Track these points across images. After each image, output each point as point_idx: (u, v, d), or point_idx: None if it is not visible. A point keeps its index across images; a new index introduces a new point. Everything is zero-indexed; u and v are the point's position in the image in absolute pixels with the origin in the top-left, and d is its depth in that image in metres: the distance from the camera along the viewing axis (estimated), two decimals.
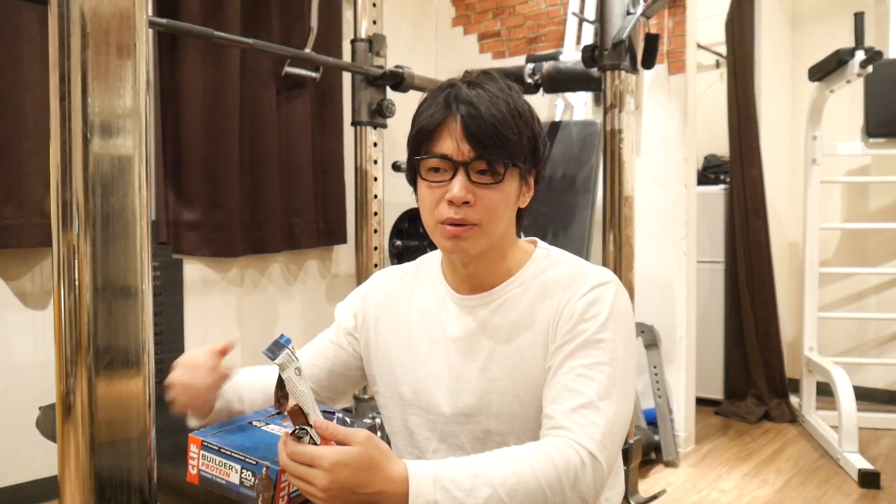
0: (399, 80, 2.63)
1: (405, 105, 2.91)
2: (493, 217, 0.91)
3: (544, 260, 1.00)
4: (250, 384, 1.06)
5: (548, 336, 0.93)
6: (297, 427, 0.75)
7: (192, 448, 0.83)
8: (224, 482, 0.80)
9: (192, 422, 1.01)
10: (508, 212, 0.94)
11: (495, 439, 0.95)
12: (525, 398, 0.93)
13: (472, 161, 0.89)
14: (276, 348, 0.73)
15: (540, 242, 1.04)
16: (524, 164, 0.93)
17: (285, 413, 0.75)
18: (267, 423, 0.89)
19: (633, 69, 2.19)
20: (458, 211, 0.90)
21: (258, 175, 2.71)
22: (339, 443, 0.76)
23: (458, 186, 0.89)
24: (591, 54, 2.21)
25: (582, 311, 0.91)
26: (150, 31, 2.08)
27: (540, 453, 0.81)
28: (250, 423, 0.89)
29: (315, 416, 0.76)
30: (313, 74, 2.81)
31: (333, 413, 0.92)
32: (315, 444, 0.75)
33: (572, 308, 0.92)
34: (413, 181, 0.97)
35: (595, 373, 0.87)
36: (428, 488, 0.76)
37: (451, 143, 0.89)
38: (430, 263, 1.08)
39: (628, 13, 2.13)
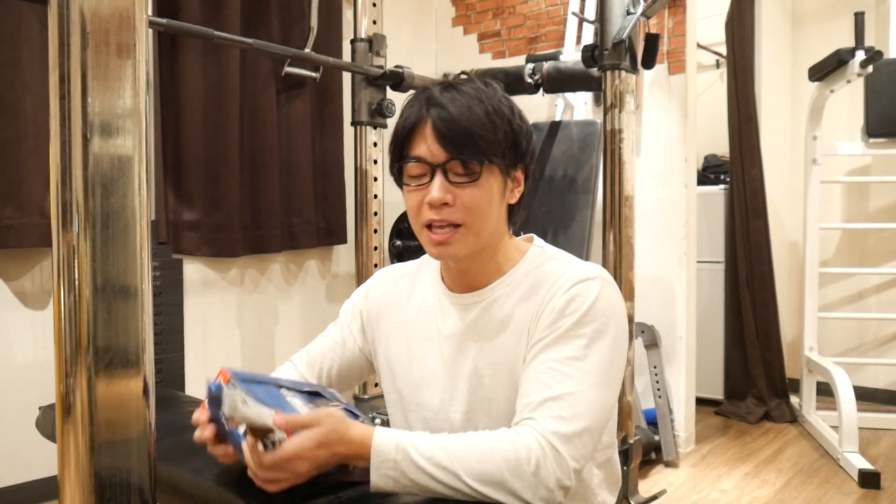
0: (399, 80, 2.63)
1: None
2: (475, 215, 0.91)
3: (538, 257, 1.00)
4: None
5: (529, 332, 0.93)
6: (265, 440, 0.78)
7: (219, 380, 0.86)
8: (230, 430, 0.82)
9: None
10: (494, 208, 0.94)
11: None
12: (512, 396, 0.93)
13: (447, 162, 0.90)
14: (216, 399, 0.77)
15: (536, 240, 1.04)
16: (502, 159, 0.92)
17: (244, 434, 0.79)
18: (294, 396, 0.90)
19: (633, 69, 2.19)
20: (440, 212, 0.90)
21: (258, 175, 2.71)
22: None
23: (435, 188, 0.90)
24: (591, 54, 2.21)
25: (562, 307, 0.90)
26: (150, 31, 2.08)
27: (504, 437, 0.83)
28: (279, 386, 0.90)
29: (272, 417, 0.78)
30: (313, 74, 2.81)
31: (340, 402, 0.93)
32: (284, 438, 0.78)
33: (554, 304, 0.91)
34: (399, 186, 0.99)
35: (566, 367, 0.87)
36: (390, 449, 0.81)
37: (425, 146, 0.90)
38: (431, 262, 1.09)
39: (628, 13, 2.13)
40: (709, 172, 3.80)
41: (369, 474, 0.81)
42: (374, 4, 2.73)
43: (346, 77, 2.97)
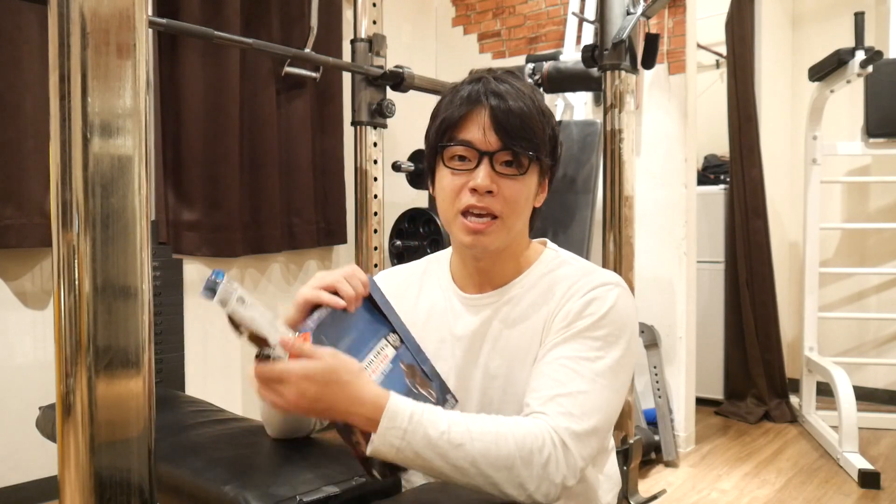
0: (399, 80, 2.63)
1: (405, 105, 2.91)
2: (513, 209, 0.92)
3: (552, 261, 1.00)
4: None
5: (543, 334, 0.93)
6: (260, 351, 0.77)
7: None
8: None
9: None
10: (528, 206, 0.96)
11: None
12: (523, 396, 0.93)
13: (498, 151, 0.91)
14: (212, 286, 0.73)
15: (549, 243, 1.05)
16: (546, 158, 0.95)
17: (248, 340, 0.77)
18: (386, 350, 0.87)
19: (633, 69, 2.19)
20: (482, 199, 0.91)
21: (258, 175, 2.71)
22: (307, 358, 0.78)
23: (482, 175, 0.90)
24: (591, 54, 2.21)
25: (579, 310, 0.91)
26: (150, 31, 2.08)
27: (519, 424, 0.82)
28: (396, 334, 0.88)
29: (277, 334, 0.77)
30: (313, 74, 2.81)
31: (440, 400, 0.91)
32: (283, 359, 0.77)
33: (570, 307, 0.92)
34: (431, 171, 0.98)
35: (578, 366, 0.87)
36: (404, 417, 0.78)
37: (479, 133, 0.91)
38: (438, 263, 1.08)
39: (628, 13, 2.13)
40: (709, 172, 3.80)
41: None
42: (374, 4, 2.73)
43: (346, 77, 2.97)
